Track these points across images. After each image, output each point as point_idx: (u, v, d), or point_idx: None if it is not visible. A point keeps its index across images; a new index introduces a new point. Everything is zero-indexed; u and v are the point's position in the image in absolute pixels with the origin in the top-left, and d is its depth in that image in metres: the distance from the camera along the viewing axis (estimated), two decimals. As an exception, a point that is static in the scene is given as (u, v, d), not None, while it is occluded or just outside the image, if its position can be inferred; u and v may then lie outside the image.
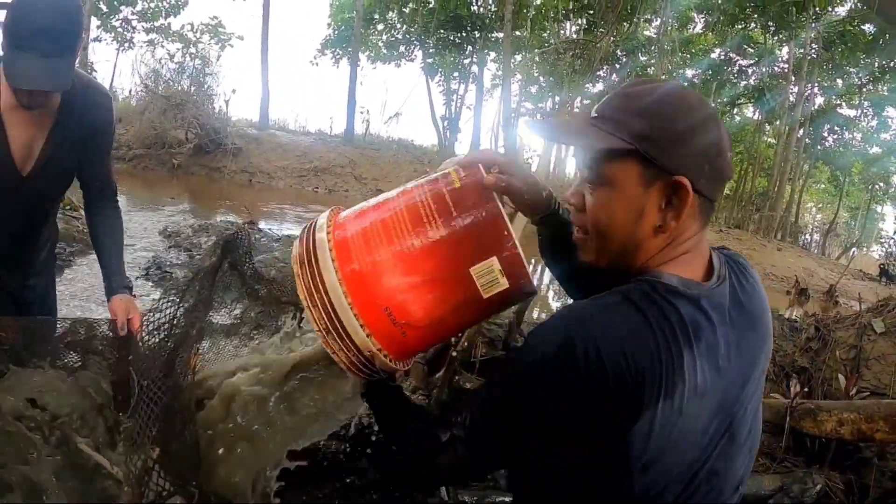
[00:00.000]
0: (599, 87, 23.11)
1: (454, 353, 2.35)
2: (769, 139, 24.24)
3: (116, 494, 1.40)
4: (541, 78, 24.38)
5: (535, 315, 4.63)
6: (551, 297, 7.36)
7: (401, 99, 52.15)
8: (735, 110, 23.81)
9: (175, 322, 1.36)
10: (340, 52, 23.44)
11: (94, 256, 2.08)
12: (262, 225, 8.80)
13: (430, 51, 23.07)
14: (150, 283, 3.88)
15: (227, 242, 1.49)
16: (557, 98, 23.67)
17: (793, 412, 2.93)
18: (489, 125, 26.33)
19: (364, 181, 16.51)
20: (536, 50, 22.05)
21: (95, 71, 17.20)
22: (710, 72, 21.89)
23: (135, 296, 1.98)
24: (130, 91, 17.81)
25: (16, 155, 1.77)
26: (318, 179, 16.38)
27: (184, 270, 4.18)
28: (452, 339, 2.53)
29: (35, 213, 2.02)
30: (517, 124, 24.46)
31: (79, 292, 3.80)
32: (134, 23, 22.37)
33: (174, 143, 15.10)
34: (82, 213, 2.21)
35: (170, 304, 1.35)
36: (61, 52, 1.57)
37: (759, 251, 14.32)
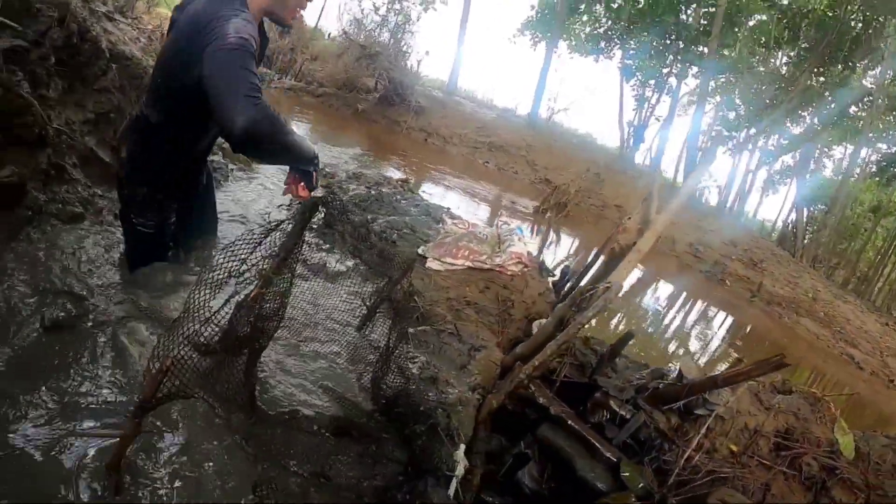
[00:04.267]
0: (798, 129, 21.03)
1: (522, 375, 2.33)
2: None
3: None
4: (741, 105, 22.62)
5: (634, 352, 4.42)
6: (652, 334, 6.98)
7: (591, 93, 51.09)
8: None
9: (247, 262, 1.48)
10: (540, 36, 23.27)
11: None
12: (424, 189, 9.07)
13: (630, 52, 22.23)
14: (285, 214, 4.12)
15: (312, 205, 1.58)
16: (753, 130, 21.88)
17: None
18: (676, 141, 24.87)
19: (535, 167, 16.45)
20: (741, 74, 20.41)
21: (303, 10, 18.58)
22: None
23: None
24: (329, 35, 19.02)
25: None
26: (491, 154, 16.57)
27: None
28: (522, 359, 2.52)
29: None
30: (709, 148, 23.04)
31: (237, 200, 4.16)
32: (344, -29, 23.78)
33: (362, 90, 15.95)
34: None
35: (246, 247, 1.47)
36: None
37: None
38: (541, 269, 4.04)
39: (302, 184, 2.04)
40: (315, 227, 2.85)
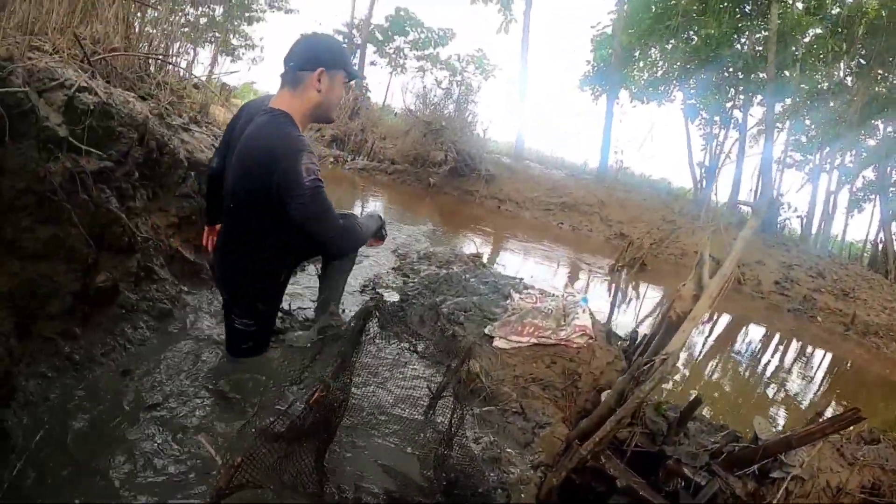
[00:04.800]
0: (873, 141, 19.89)
1: (583, 452, 2.38)
2: None
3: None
4: (812, 126, 21.72)
5: (707, 413, 4.28)
6: (743, 385, 6.66)
7: (660, 138, 50.74)
8: None
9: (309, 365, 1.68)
10: (600, 89, 23.35)
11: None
12: (499, 259, 9.21)
13: (691, 91, 21.95)
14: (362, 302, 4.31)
15: (366, 313, 1.77)
16: (827, 150, 20.87)
17: None
18: (750, 173, 23.69)
19: (609, 223, 16.30)
20: (806, 94, 19.69)
21: (370, 91, 19.72)
22: None
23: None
24: (395, 113, 20.04)
25: None
26: (565, 215, 16.60)
27: (392, 296, 4.59)
28: (583, 435, 2.56)
29: None
30: (779, 174, 22.10)
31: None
32: (406, 51, 25.53)
33: (432, 163, 16.51)
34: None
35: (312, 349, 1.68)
36: None
37: None
38: (608, 337, 4.05)
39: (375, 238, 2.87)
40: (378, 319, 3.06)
